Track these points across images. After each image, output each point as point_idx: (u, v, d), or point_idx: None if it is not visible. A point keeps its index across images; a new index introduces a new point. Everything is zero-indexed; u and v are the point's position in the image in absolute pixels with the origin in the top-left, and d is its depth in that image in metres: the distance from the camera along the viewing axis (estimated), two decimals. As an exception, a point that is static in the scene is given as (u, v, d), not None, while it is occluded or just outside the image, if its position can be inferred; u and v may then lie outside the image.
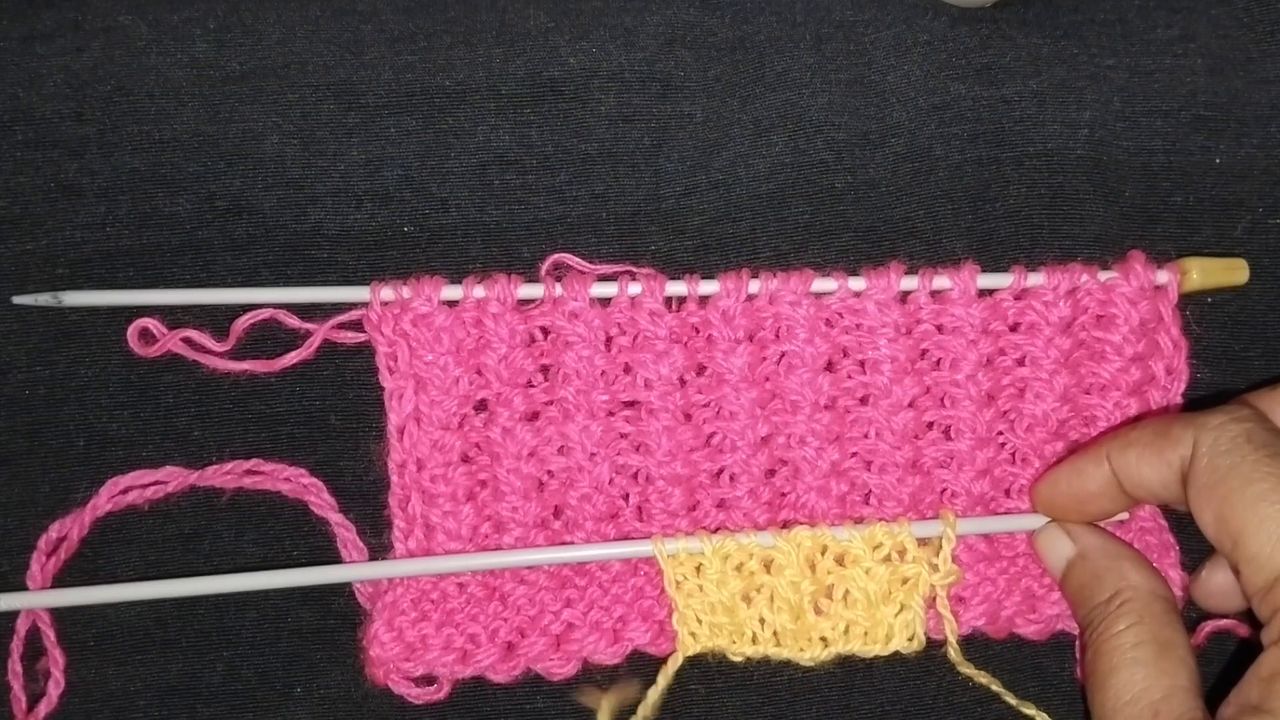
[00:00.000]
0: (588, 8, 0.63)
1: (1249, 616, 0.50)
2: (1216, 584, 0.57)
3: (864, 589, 0.57)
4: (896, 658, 0.58)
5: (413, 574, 0.58)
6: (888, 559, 0.57)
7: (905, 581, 0.57)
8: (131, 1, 0.63)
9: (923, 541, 0.58)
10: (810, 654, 0.57)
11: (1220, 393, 0.60)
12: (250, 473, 0.60)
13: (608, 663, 0.59)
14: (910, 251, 0.62)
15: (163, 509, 0.60)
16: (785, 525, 0.58)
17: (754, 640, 0.57)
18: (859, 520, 0.59)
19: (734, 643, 0.57)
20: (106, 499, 0.59)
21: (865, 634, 0.57)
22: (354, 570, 0.59)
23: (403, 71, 0.62)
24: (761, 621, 0.57)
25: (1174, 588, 0.58)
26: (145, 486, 0.60)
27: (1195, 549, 0.58)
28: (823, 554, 0.57)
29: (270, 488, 0.60)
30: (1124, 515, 0.58)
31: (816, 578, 0.57)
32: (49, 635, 0.59)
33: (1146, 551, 0.58)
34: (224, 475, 0.60)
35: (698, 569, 0.57)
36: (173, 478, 0.60)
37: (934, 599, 0.57)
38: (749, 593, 0.57)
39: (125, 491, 0.60)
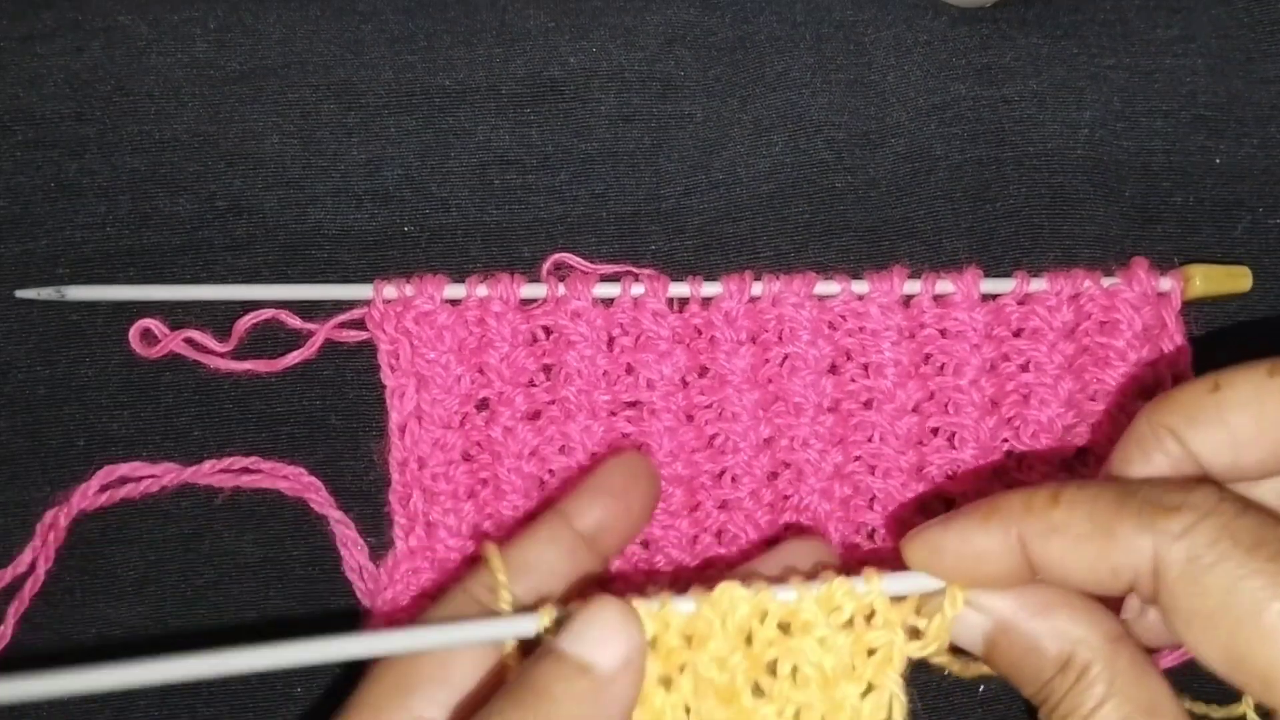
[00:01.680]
0: (588, 8, 0.63)
1: None
2: (1154, 619, 0.45)
3: (817, 664, 0.42)
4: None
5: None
6: (849, 624, 0.43)
7: (873, 653, 0.43)
8: (131, 1, 0.63)
9: (899, 599, 0.44)
10: None
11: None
12: (248, 470, 0.60)
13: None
14: (910, 251, 0.62)
15: (162, 508, 0.60)
16: (708, 577, 0.47)
17: None
18: (870, 535, 0.57)
19: None
20: (98, 485, 0.59)
21: None
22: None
23: (403, 71, 0.62)
24: (686, 711, 0.43)
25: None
26: (139, 480, 0.60)
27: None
28: (762, 621, 0.43)
29: (269, 486, 0.60)
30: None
31: (753, 651, 0.43)
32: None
33: None
34: (221, 472, 0.60)
35: None
36: (167, 473, 0.60)
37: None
38: (669, 674, 0.42)
39: (119, 484, 0.60)
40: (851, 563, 0.57)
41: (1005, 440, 0.59)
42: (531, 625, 0.43)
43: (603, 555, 0.49)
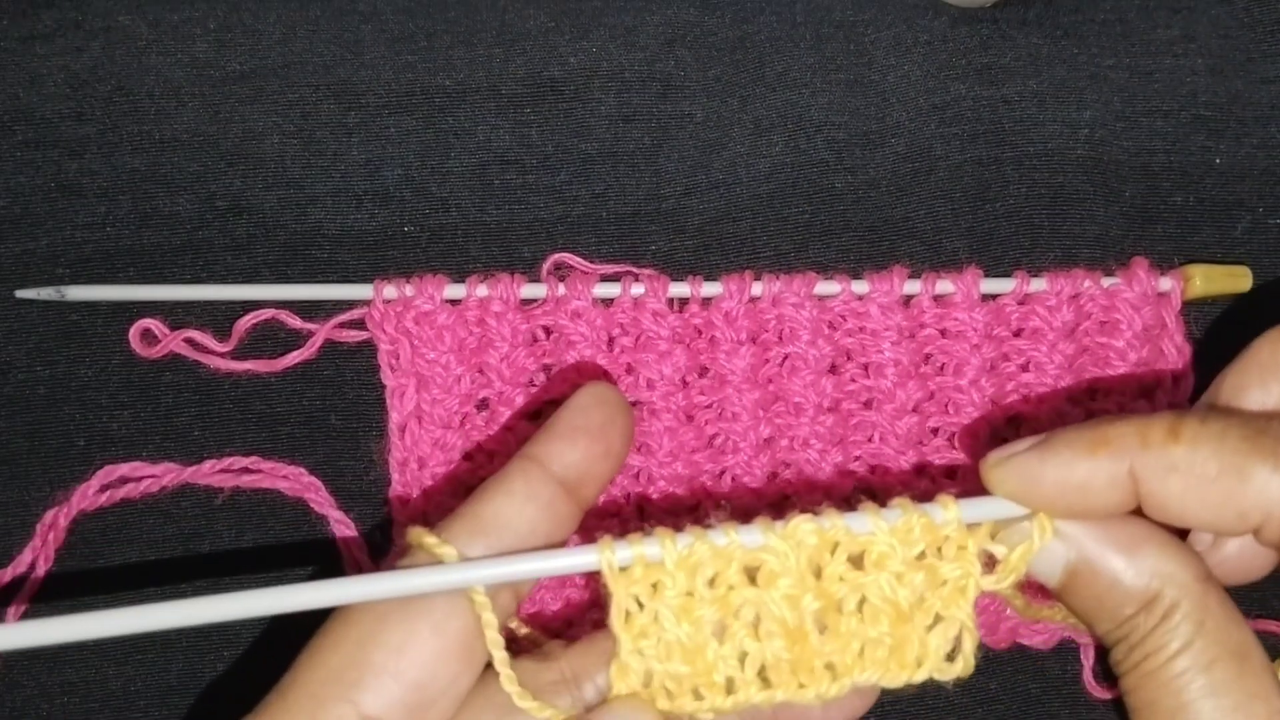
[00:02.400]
0: (588, 8, 0.63)
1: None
2: (1231, 552, 0.43)
3: (890, 599, 0.40)
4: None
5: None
6: (923, 555, 0.40)
7: (945, 584, 0.40)
8: (131, 1, 0.63)
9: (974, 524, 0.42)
10: (814, 690, 0.40)
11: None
12: (248, 470, 0.60)
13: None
14: (910, 251, 0.62)
15: (162, 508, 0.60)
16: (779, 514, 0.43)
17: (731, 689, 0.40)
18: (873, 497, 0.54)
19: (701, 699, 0.40)
20: (98, 485, 0.59)
21: (889, 656, 0.41)
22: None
23: (403, 71, 0.62)
24: (742, 659, 0.40)
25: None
26: (139, 480, 0.60)
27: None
28: (832, 554, 0.40)
29: (269, 486, 0.60)
30: None
31: (823, 588, 0.40)
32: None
33: None
34: (221, 472, 0.60)
35: (655, 586, 0.40)
36: (167, 473, 0.60)
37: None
38: (726, 619, 0.40)
39: (119, 484, 0.60)
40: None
41: (1005, 440, 0.59)
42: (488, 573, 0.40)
43: (581, 504, 0.44)
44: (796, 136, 0.63)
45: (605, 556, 0.39)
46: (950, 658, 0.41)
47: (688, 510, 0.59)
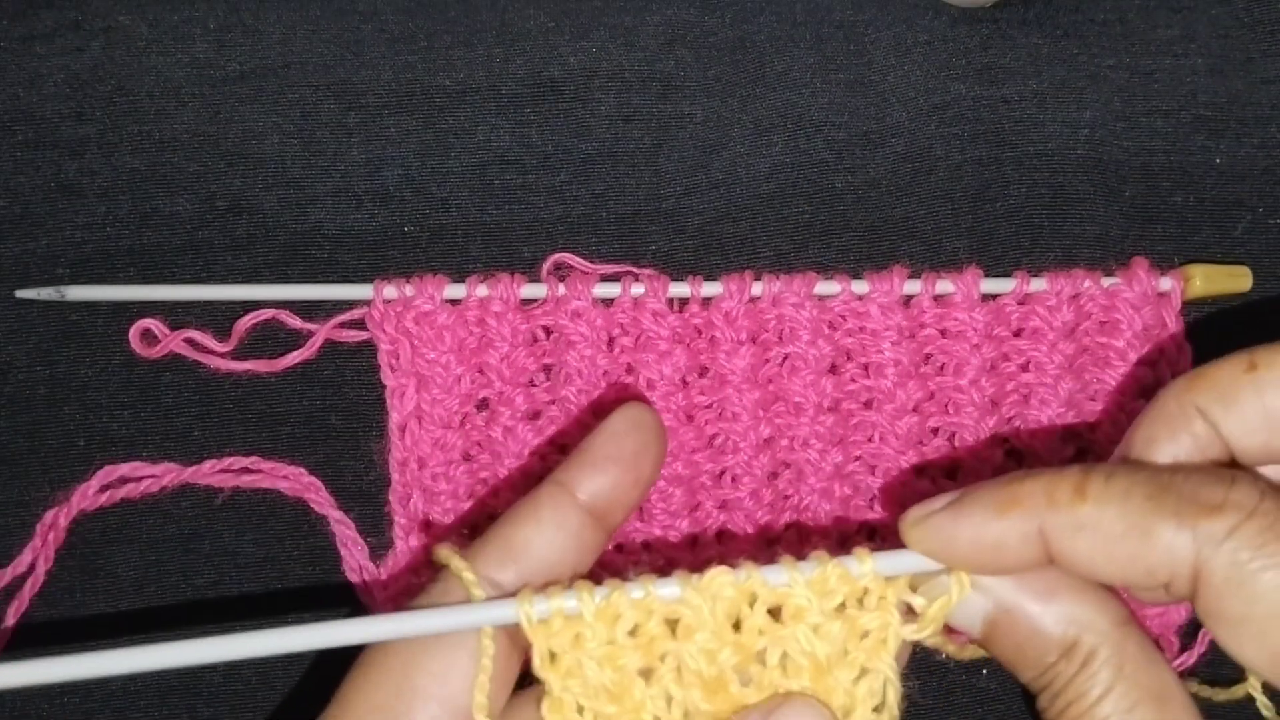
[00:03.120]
0: (588, 8, 0.63)
1: None
2: None
3: (810, 653, 0.40)
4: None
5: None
6: (842, 607, 0.40)
7: (866, 635, 0.41)
8: (131, 1, 0.63)
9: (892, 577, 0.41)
10: None
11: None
12: (248, 470, 0.60)
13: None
14: (910, 251, 0.62)
15: (162, 508, 0.60)
16: (700, 562, 0.43)
17: None
18: (843, 533, 0.57)
19: None
20: (98, 485, 0.59)
21: None
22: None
23: (403, 71, 0.62)
24: (669, 701, 0.40)
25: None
26: (139, 480, 0.60)
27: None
28: (751, 606, 0.40)
29: (269, 486, 0.60)
30: None
31: (742, 641, 0.40)
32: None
33: None
34: (220, 472, 0.60)
35: (576, 637, 0.40)
36: (167, 473, 0.60)
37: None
38: (651, 664, 0.40)
39: (120, 484, 0.60)
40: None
41: (1006, 440, 0.59)
42: (509, 612, 0.40)
43: (608, 530, 0.44)
44: (796, 136, 0.63)
45: (524, 610, 0.40)
46: (877, 709, 0.41)
47: (688, 511, 0.59)
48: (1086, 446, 0.59)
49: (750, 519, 0.59)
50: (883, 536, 0.59)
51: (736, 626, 0.40)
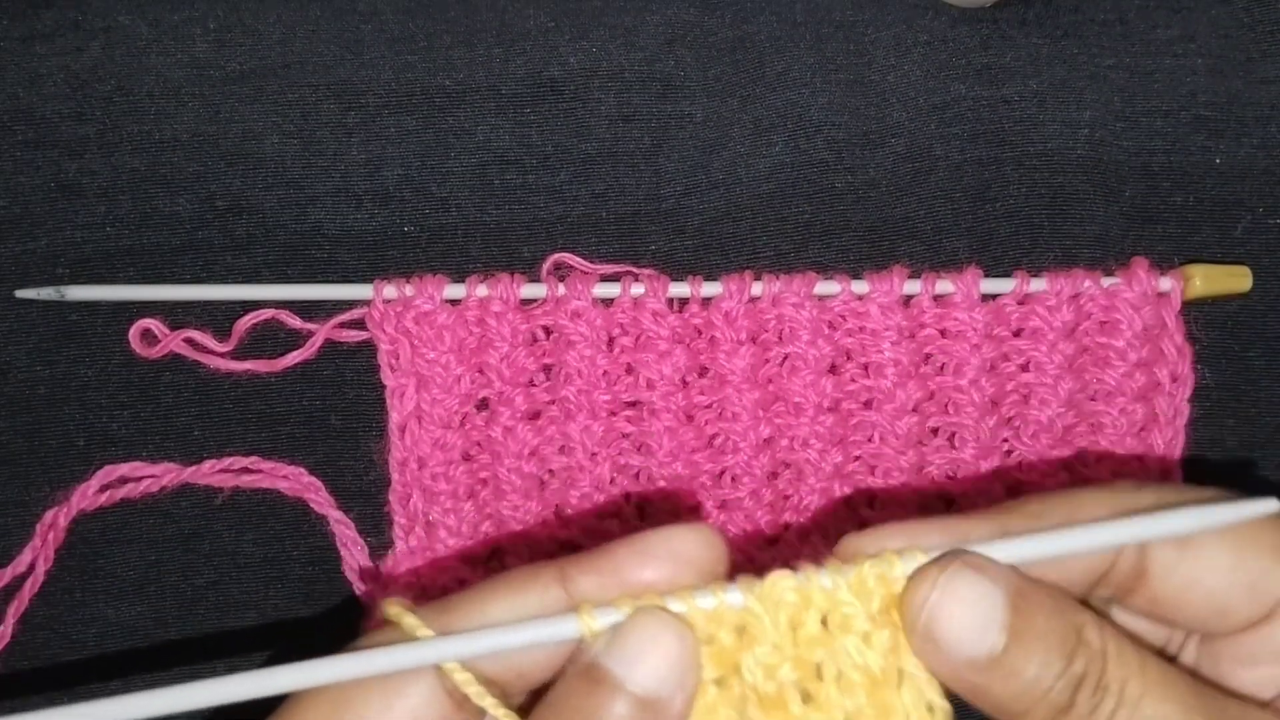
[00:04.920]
0: (588, 8, 0.63)
1: None
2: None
3: (862, 666, 0.38)
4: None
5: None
6: (884, 611, 0.39)
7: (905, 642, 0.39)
8: (131, 1, 0.63)
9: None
10: None
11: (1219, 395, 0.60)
12: (248, 470, 0.60)
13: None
14: (910, 251, 0.62)
15: (162, 508, 0.60)
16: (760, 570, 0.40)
17: None
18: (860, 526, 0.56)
19: None
20: (98, 485, 0.59)
21: None
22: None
23: (403, 71, 0.62)
24: (741, 711, 0.39)
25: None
26: (139, 480, 0.60)
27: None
28: (806, 612, 0.39)
29: (269, 486, 0.60)
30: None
31: (800, 654, 0.38)
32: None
33: None
34: (220, 472, 0.60)
35: None
36: (167, 473, 0.60)
37: None
38: (724, 674, 0.38)
39: (119, 483, 0.60)
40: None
41: (1005, 440, 0.59)
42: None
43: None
44: (796, 136, 0.62)
45: (585, 623, 0.37)
46: (930, 709, 0.39)
47: (688, 511, 0.59)
48: (1088, 448, 0.59)
49: (750, 519, 0.59)
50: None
51: (794, 633, 0.39)
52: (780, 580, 0.38)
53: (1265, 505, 0.39)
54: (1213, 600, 0.39)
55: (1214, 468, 0.61)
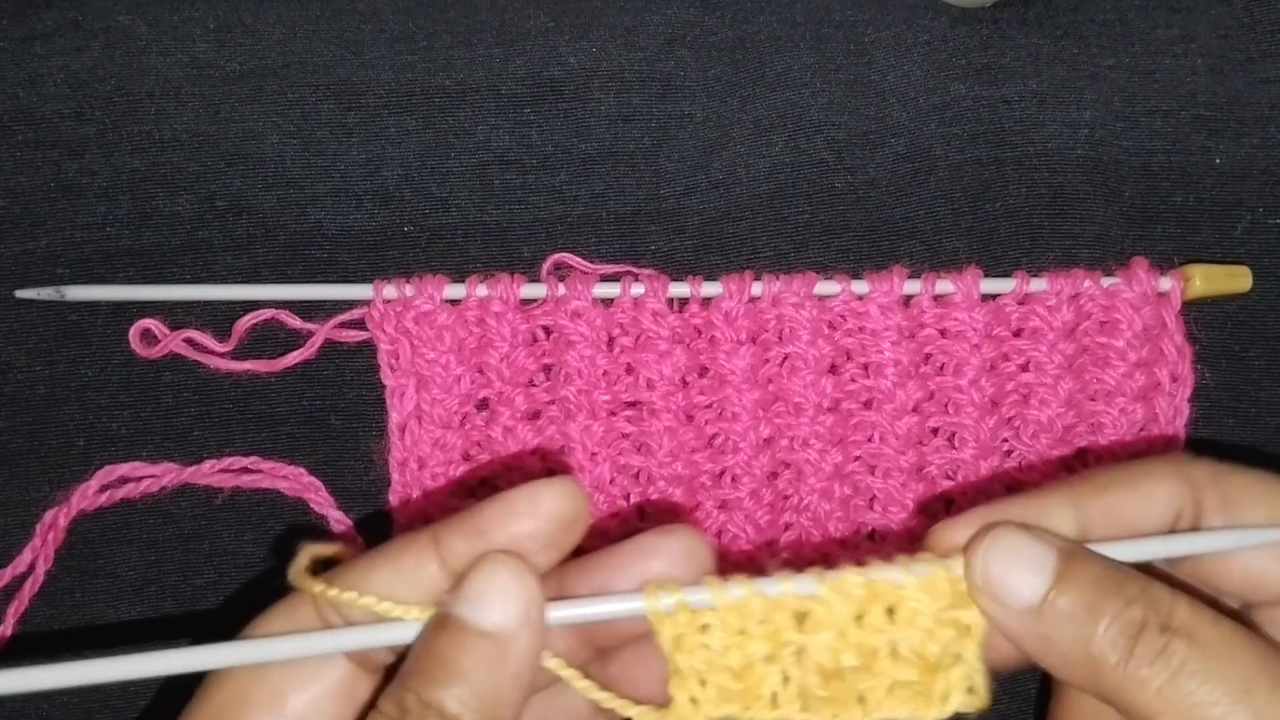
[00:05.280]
0: (588, 8, 0.63)
1: None
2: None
3: (921, 652, 0.42)
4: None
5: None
6: (948, 609, 0.42)
7: (962, 629, 0.43)
8: (131, 1, 0.63)
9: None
10: (845, 719, 0.43)
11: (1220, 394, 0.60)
12: (248, 470, 0.60)
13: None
14: (910, 251, 0.62)
15: (162, 508, 0.60)
16: (825, 561, 0.45)
17: (774, 703, 0.42)
18: (870, 536, 0.58)
19: (748, 709, 0.42)
20: (98, 485, 0.59)
21: (917, 695, 0.42)
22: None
23: (403, 71, 0.62)
24: (785, 679, 0.42)
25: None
26: (139, 480, 0.60)
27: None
28: (873, 604, 0.42)
29: (269, 486, 0.60)
30: None
31: (862, 636, 0.42)
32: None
33: None
34: (220, 472, 0.60)
35: (704, 627, 0.42)
36: (167, 473, 0.60)
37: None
38: (774, 651, 0.42)
39: (119, 484, 0.60)
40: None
41: (1005, 440, 0.59)
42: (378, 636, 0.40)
43: None
44: (796, 136, 0.63)
45: (650, 603, 0.41)
46: (970, 690, 0.42)
47: (688, 511, 0.59)
48: (1088, 448, 0.59)
49: (750, 519, 0.59)
50: (883, 537, 0.59)
51: (859, 621, 0.42)
52: (851, 575, 0.41)
53: None
54: (1256, 568, 0.42)
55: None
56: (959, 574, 0.42)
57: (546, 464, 0.58)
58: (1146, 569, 0.42)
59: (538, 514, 0.40)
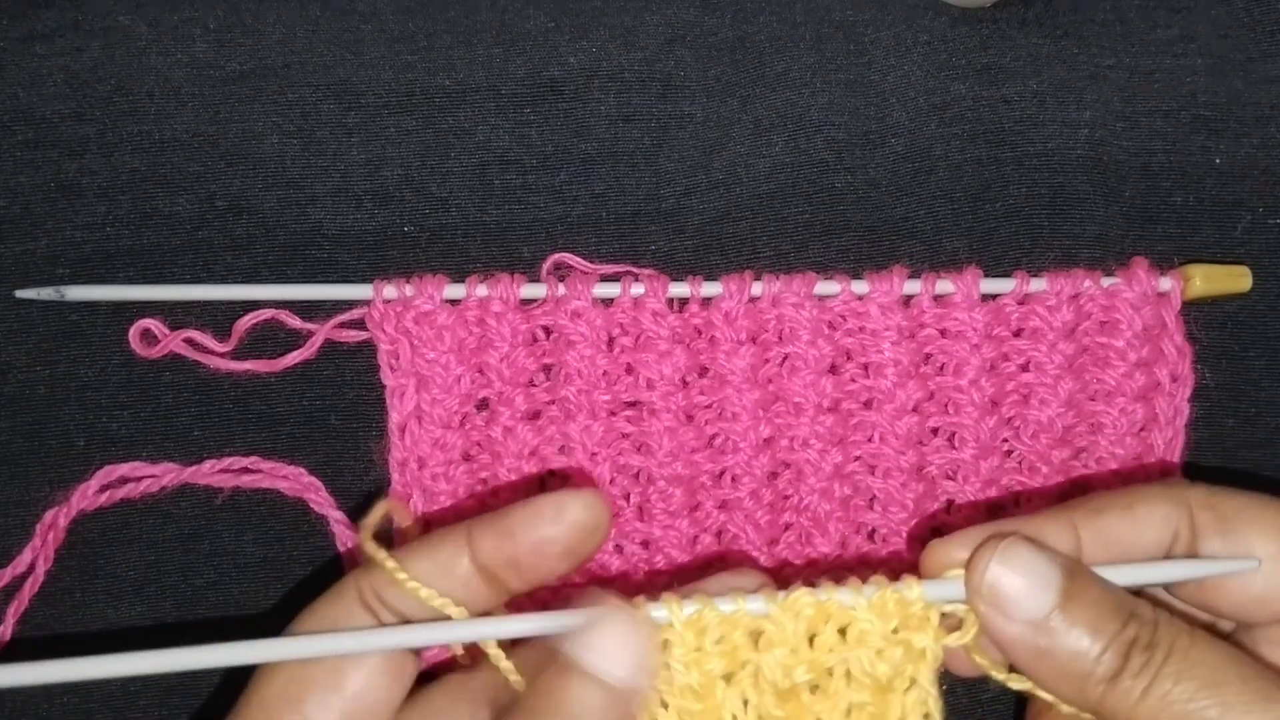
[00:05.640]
0: (588, 8, 0.63)
1: None
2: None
3: (871, 673, 0.44)
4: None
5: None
6: (897, 630, 0.44)
7: (915, 654, 0.45)
8: (131, 1, 0.63)
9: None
10: None
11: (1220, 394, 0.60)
12: (248, 470, 0.60)
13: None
14: (910, 251, 0.62)
15: (162, 508, 0.60)
16: (780, 579, 0.47)
17: None
18: (862, 559, 0.58)
19: None
20: (98, 485, 0.59)
21: (873, 718, 0.45)
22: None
23: (403, 71, 0.62)
24: (745, 704, 0.44)
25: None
26: (139, 480, 0.60)
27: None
28: (825, 623, 0.44)
29: (269, 486, 0.60)
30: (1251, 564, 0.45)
31: (815, 657, 0.44)
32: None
33: None
34: (220, 472, 0.60)
35: (664, 643, 0.43)
36: (167, 473, 0.60)
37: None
38: (732, 670, 0.44)
39: (119, 484, 0.60)
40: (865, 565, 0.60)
41: (1005, 440, 0.59)
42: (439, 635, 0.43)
43: (500, 592, 0.45)
44: (796, 136, 0.63)
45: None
46: (926, 717, 0.45)
47: (688, 511, 0.59)
48: (1088, 448, 0.59)
49: (750, 519, 0.59)
50: (884, 538, 0.59)
51: (811, 641, 0.44)
52: (802, 596, 0.44)
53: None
54: (1251, 590, 0.44)
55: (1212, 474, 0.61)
56: (909, 596, 0.44)
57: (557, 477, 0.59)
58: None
59: (562, 521, 0.43)
